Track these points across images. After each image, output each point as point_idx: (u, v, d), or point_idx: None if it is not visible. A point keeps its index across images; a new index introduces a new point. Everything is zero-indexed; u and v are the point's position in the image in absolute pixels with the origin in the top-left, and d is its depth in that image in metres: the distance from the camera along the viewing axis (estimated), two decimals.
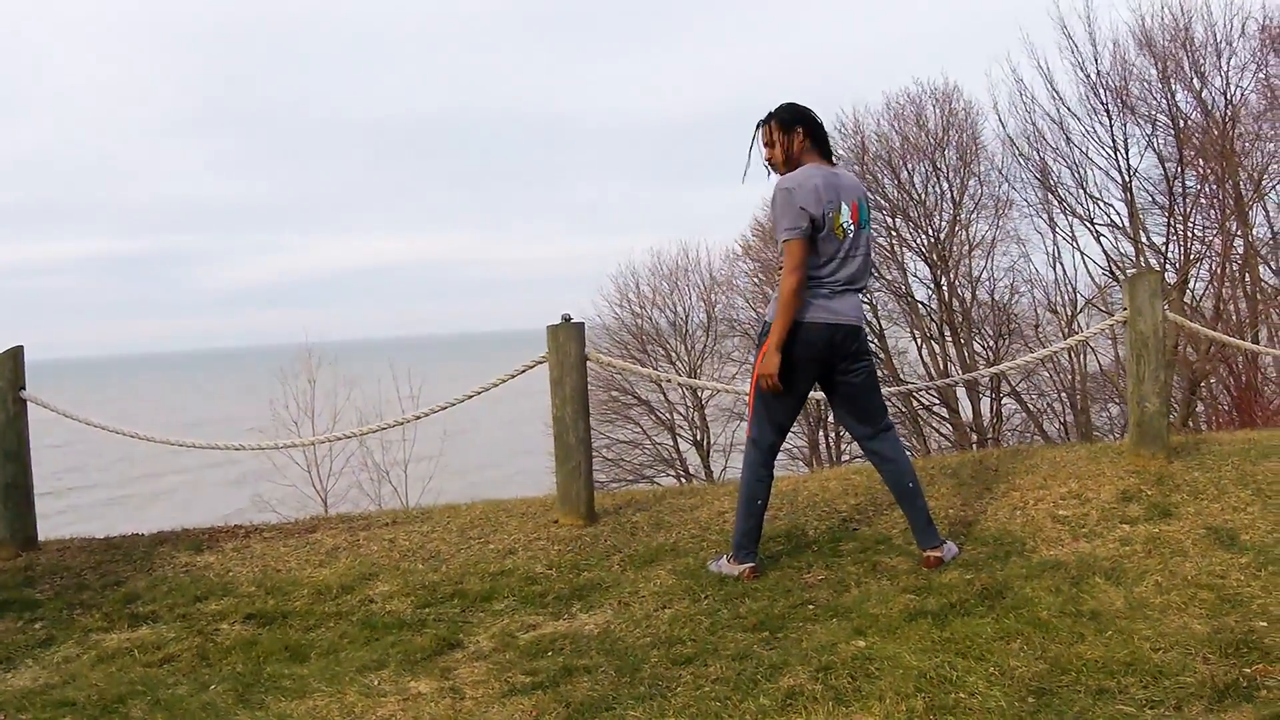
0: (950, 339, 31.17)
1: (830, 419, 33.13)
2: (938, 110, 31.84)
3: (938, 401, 31.34)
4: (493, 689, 5.35)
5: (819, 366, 6.63)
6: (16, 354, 8.46)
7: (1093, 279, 28.84)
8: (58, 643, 6.52)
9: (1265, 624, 5.41)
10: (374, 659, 5.87)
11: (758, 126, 6.82)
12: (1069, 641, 5.29)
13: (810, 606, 6.13)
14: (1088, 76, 27.61)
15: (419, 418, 9.11)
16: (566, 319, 8.02)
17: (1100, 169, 27.96)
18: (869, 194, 6.85)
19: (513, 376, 8.46)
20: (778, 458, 6.91)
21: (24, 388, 8.47)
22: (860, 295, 6.76)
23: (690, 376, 35.80)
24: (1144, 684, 4.82)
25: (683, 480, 34.20)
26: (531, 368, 8.39)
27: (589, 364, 8.23)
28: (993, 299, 31.48)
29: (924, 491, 6.97)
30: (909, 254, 32.04)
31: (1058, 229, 29.17)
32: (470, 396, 8.60)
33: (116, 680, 5.82)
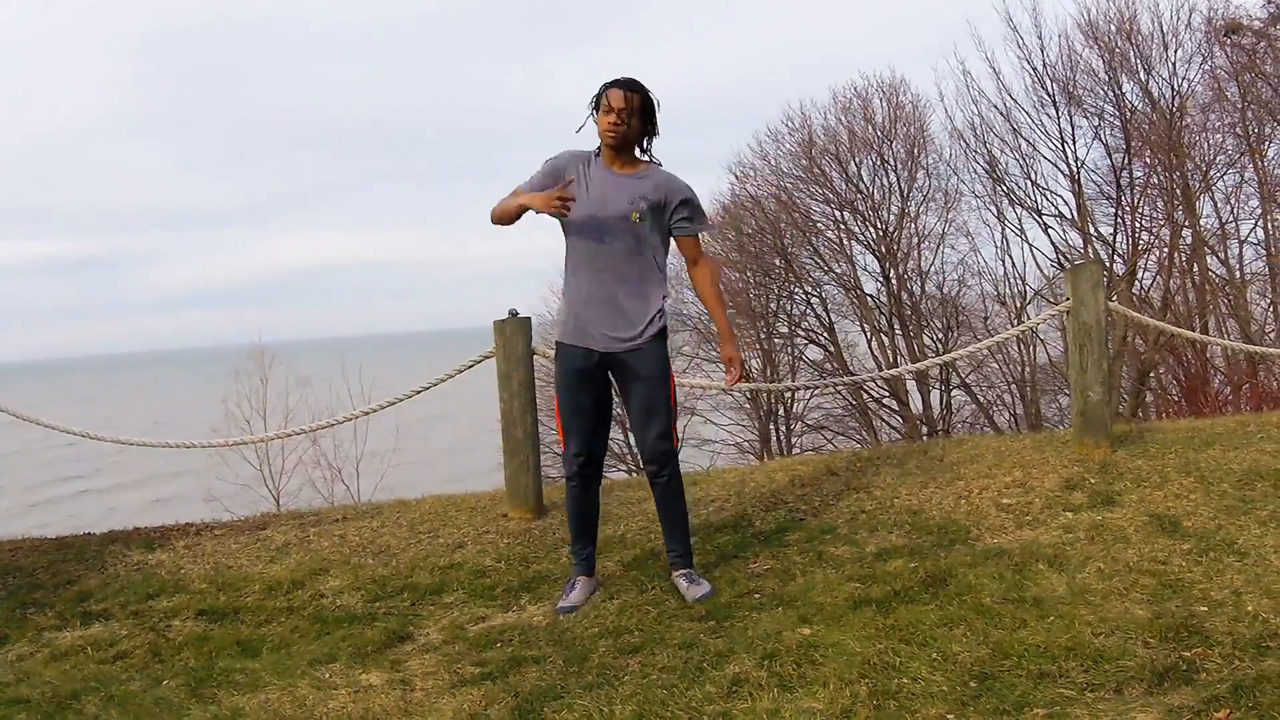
0: (900, 332, 31.31)
1: (780, 411, 33.24)
2: (885, 103, 32.01)
3: (887, 394, 31.48)
4: (442, 680, 5.40)
5: None
6: None
7: (1041, 271, 29.04)
8: (11, 641, 6.52)
9: (1205, 609, 5.49)
10: (325, 652, 5.92)
11: (636, 90, 6.30)
12: (1011, 627, 5.35)
13: (756, 596, 6.19)
14: (1034, 69, 27.86)
15: (368, 413, 9.14)
16: (513, 314, 8.06)
17: (1048, 161, 28.18)
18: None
19: (460, 372, 8.50)
20: (726, 449, 6.99)
21: None
22: None
23: None
24: (1085, 668, 4.89)
25: (634, 474, 34.23)
26: (479, 363, 8.43)
27: (537, 358, 8.27)
28: (941, 292, 31.64)
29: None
30: (857, 247, 32.21)
31: (1006, 221, 29.39)
32: (418, 392, 8.63)
33: (70, 677, 5.83)
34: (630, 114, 6.24)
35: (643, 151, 6.44)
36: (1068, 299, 8.40)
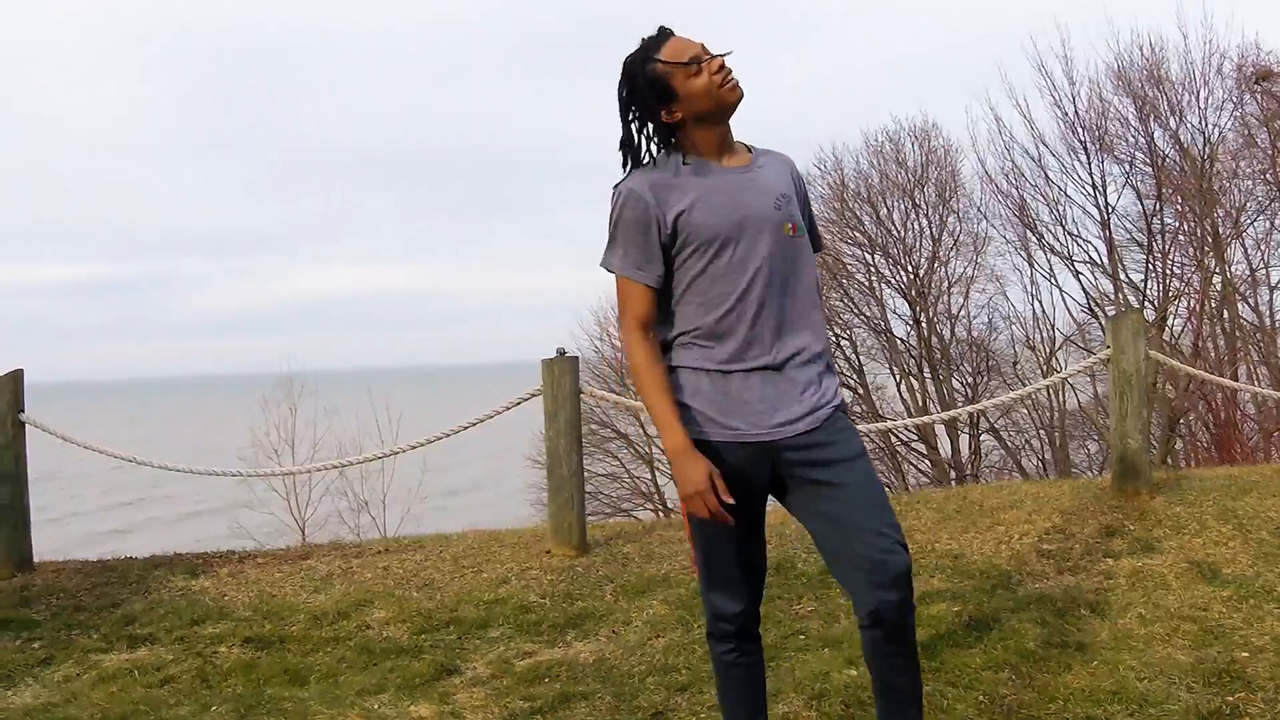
0: (929, 375, 31.25)
1: None
2: (917, 147, 31.98)
3: (916, 437, 31.40)
4: (492, 714, 5.43)
5: None
6: (17, 377, 8.55)
7: (1071, 316, 28.94)
8: (57, 662, 6.58)
9: (1247, 654, 5.52)
10: (373, 683, 5.96)
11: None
12: (1056, 671, 5.39)
13: (802, 637, 6.23)
14: (1065, 115, 27.75)
15: (413, 448, 9.17)
16: (561, 353, 8.12)
17: (1079, 206, 28.12)
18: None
19: (507, 409, 8.56)
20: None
21: (23, 410, 8.55)
22: None
23: None
24: (1130, 712, 4.92)
25: (660, 514, 34.12)
26: (526, 400, 8.49)
27: (582, 397, 8.34)
28: (971, 336, 31.55)
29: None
30: (888, 290, 32.14)
31: (1036, 266, 29.25)
32: (465, 428, 8.68)
33: (118, 700, 5.88)
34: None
35: None
36: (1108, 347, 8.44)
